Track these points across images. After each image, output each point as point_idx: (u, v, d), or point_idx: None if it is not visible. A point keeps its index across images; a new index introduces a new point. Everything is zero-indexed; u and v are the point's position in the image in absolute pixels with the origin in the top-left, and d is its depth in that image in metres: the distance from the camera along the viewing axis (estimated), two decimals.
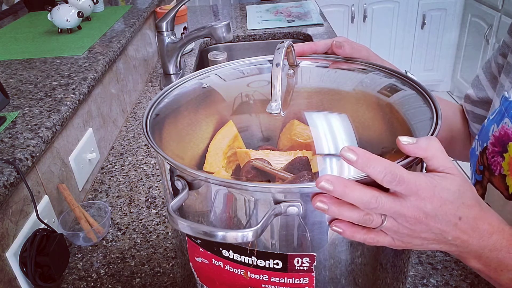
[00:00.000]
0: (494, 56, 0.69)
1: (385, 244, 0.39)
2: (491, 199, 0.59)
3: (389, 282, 0.47)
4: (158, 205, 0.84)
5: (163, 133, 0.46)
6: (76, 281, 0.69)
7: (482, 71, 0.72)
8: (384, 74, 0.54)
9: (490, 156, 0.57)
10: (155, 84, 1.39)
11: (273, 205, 0.37)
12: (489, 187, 0.59)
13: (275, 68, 0.45)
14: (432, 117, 0.43)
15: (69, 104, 0.81)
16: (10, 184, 0.60)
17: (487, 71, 0.71)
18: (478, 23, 2.84)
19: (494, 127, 0.57)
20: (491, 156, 0.57)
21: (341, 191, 0.35)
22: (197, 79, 0.56)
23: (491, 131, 0.58)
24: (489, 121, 0.59)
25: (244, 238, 0.35)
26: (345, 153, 0.35)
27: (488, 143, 0.58)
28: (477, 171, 0.61)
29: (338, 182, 0.35)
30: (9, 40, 1.15)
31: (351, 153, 0.35)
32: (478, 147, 0.61)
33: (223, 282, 0.45)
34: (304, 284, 0.41)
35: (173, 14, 1.25)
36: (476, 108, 0.73)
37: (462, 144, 0.77)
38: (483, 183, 0.60)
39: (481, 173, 0.60)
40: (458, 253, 0.42)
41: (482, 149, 0.59)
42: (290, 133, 0.43)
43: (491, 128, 0.58)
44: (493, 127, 0.57)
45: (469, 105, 0.74)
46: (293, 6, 2.03)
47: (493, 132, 0.57)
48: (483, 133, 0.60)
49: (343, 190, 0.35)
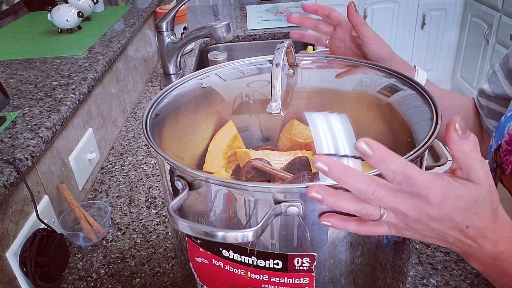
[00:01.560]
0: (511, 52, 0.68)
1: (381, 233, 0.38)
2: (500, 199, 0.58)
3: (389, 282, 0.47)
4: (158, 205, 0.84)
5: (163, 133, 0.46)
6: (76, 281, 0.69)
7: (500, 67, 0.70)
8: (384, 74, 0.54)
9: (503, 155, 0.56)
10: (155, 84, 1.39)
11: (273, 205, 0.37)
12: (499, 186, 0.57)
13: (275, 68, 0.45)
14: (432, 118, 0.43)
15: (69, 104, 0.81)
16: (10, 184, 0.60)
17: (504, 67, 0.69)
18: (478, 23, 2.84)
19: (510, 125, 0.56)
20: (503, 155, 0.56)
21: (337, 174, 0.33)
22: (197, 79, 0.56)
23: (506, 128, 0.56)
24: (506, 119, 0.57)
25: (244, 238, 0.35)
26: (360, 146, 0.32)
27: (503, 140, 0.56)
28: (491, 169, 0.60)
29: (334, 165, 0.33)
30: (9, 40, 1.15)
31: (368, 147, 0.32)
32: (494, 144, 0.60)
33: (223, 282, 0.45)
34: (304, 284, 0.41)
35: (173, 14, 1.24)
36: (491, 103, 0.71)
37: None
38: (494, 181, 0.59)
39: (494, 171, 0.59)
40: (460, 253, 0.40)
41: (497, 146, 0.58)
42: (289, 133, 0.43)
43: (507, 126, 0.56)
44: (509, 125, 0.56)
45: (484, 100, 0.72)
46: (293, 6, 2.03)
47: (508, 130, 0.56)
48: (499, 130, 0.58)
49: (339, 174, 0.33)
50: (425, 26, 3.05)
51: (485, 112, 0.72)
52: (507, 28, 2.54)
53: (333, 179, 0.34)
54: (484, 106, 0.72)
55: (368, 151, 0.32)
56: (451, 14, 3.02)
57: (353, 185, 0.33)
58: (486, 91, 0.72)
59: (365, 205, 0.35)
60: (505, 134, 0.56)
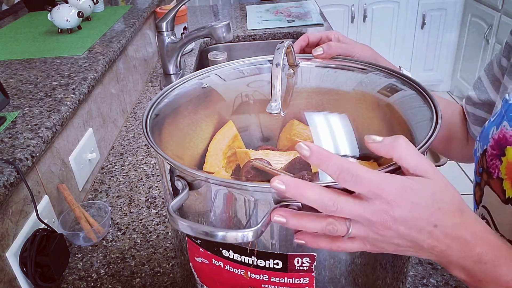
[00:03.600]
0: (497, 58, 0.69)
1: (355, 250, 0.37)
2: (489, 202, 0.58)
3: (389, 282, 0.47)
4: (158, 205, 0.84)
5: (163, 133, 0.46)
6: (76, 281, 0.69)
7: (485, 73, 0.71)
8: (384, 74, 0.54)
9: (489, 159, 0.57)
10: (155, 84, 1.39)
11: (273, 205, 0.37)
12: (487, 189, 0.58)
13: (275, 68, 0.45)
14: (432, 118, 0.43)
15: (69, 104, 0.81)
16: (10, 184, 0.60)
17: (489, 73, 0.70)
18: (478, 23, 2.84)
19: (493, 130, 0.57)
20: (490, 159, 0.57)
21: (294, 191, 0.33)
22: (197, 79, 0.56)
23: (491, 133, 0.57)
24: (490, 123, 0.59)
25: (244, 238, 0.35)
26: (299, 149, 0.34)
27: (488, 145, 0.58)
28: (477, 173, 0.61)
29: (291, 181, 0.33)
30: (9, 40, 1.15)
31: (305, 149, 0.34)
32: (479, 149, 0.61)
33: (223, 282, 0.45)
34: (304, 284, 0.41)
35: (173, 14, 1.25)
36: (477, 110, 0.72)
37: (459, 145, 0.77)
38: (481, 185, 0.60)
39: (480, 176, 0.60)
40: (440, 262, 0.39)
41: (483, 151, 0.59)
42: (289, 133, 0.43)
43: (491, 131, 0.58)
44: (493, 130, 0.57)
45: (470, 107, 0.74)
46: (293, 6, 2.03)
47: (492, 134, 0.57)
48: (484, 135, 0.59)
49: (296, 191, 0.33)
50: (425, 26, 3.05)
51: (471, 119, 0.74)
52: (507, 28, 2.54)
53: (291, 196, 0.34)
54: (470, 113, 0.74)
55: (306, 153, 0.34)
56: (451, 14, 3.02)
57: (313, 199, 0.34)
58: (472, 98, 0.73)
59: (330, 220, 0.35)
60: (490, 139, 0.57)
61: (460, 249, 0.36)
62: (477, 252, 0.37)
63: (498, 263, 0.37)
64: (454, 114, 0.77)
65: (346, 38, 0.68)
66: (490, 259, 0.37)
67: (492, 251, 0.37)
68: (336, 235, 0.36)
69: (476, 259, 0.37)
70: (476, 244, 0.36)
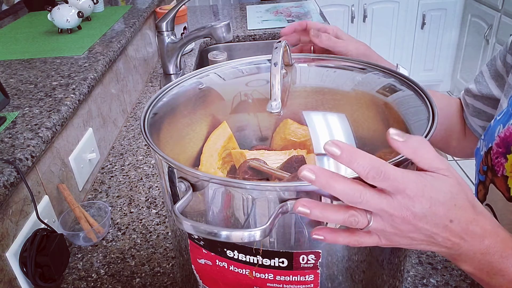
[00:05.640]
0: (501, 54, 0.68)
1: (371, 244, 0.38)
2: (492, 200, 0.59)
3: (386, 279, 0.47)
4: (158, 205, 0.84)
5: (161, 133, 0.46)
6: (76, 281, 0.69)
7: (487, 68, 0.71)
8: (382, 74, 0.54)
9: (494, 157, 0.57)
10: (155, 84, 1.39)
11: (279, 204, 0.37)
12: (491, 188, 0.58)
13: (274, 67, 0.45)
14: (429, 117, 0.43)
15: (69, 104, 0.81)
16: (10, 184, 0.60)
17: (491, 68, 0.70)
18: (478, 23, 2.84)
19: (500, 128, 0.57)
20: (495, 157, 0.57)
21: (324, 181, 0.33)
22: (196, 78, 0.56)
23: (497, 131, 0.57)
24: (496, 122, 0.59)
25: (251, 238, 0.35)
26: (329, 147, 0.34)
27: (493, 143, 0.58)
28: (481, 172, 0.61)
29: (321, 172, 0.34)
30: (9, 40, 1.15)
31: (335, 147, 0.34)
32: (483, 147, 0.61)
33: (227, 283, 0.44)
34: (309, 281, 0.41)
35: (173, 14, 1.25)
36: (476, 102, 0.72)
37: (457, 137, 0.77)
38: (485, 183, 0.60)
39: (484, 174, 0.60)
40: (449, 255, 0.40)
41: (487, 149, 0.59)
42: (283, 133, 0.43)
43: (497, 129, 0.57)
44: (499, 128, 0.57)
45: (470, 99, 0.73)
46: (293, 6, 2.03)
47: (498, 132, 0.57)
48: (489, 134, 0.59)
49: (326, 181, 0.34)
50: (425, 26, 3.05)
51: (470, 110, 0.74)
52: (507, 28, 2.54)
53: (320, 186, 0.34)
54: (469, 104, 0.74)
55: (337, 151, 0.34)
56: (451, 14, 3.02)
57: (341, 189, 0.34)
58: (472, 90, 0.73)
59: (352, 212, 0.35)
60: (495, 137, 0.57)
61: (471, 242, 0.38)
62: (485, 244, 0.38)
63: (506, 254, 0.39)
64: (449, 106, 0.77)
65: (344, 34, 0.68)
66: (497, 250, 0.38)
67: (499, 243, 0.38)
68: (353, 229, 0.37)
69: (484, 250, 0.38)
70: (485, 236, 0.38)
